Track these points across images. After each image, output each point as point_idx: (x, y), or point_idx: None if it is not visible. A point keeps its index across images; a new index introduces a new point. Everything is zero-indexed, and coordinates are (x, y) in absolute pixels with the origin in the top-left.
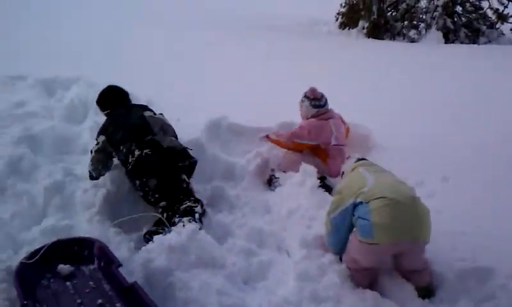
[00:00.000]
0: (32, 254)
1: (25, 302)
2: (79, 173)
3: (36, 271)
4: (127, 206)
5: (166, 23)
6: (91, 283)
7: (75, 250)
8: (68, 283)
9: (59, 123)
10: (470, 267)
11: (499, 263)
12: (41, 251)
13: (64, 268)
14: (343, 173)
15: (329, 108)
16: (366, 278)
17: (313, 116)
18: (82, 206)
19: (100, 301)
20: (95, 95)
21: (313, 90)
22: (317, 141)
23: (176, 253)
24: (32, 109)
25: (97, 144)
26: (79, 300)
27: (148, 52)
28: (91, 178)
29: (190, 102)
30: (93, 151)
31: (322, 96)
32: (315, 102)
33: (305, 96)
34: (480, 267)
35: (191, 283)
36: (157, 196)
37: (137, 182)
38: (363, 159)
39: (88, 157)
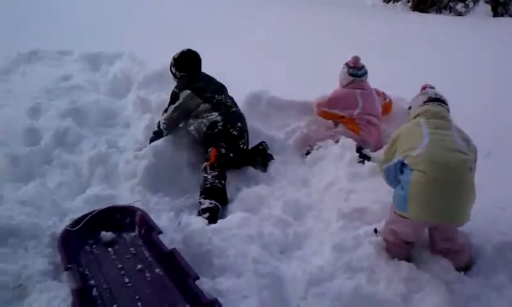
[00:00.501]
0: (76, 222)
1: (69, 265)
2: (122, 144)
3: (79, 237)
4: (167, 178)
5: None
6: (131, 249)
7: (117, 218)
8: (109, 249)
9: (104, 96)
10: (509, 241)
11: None
12: (85, 219)
13: (106, 235)
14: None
15: (365, 80)
16: (403, 251)
17: (347, 85)
18: (124, 177)
19: (140, 266)
20: (138, 70)
21: (355, 58)
22: (340, 111)
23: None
24: (77, 82)
25: (178, 99)
26: (119, 265)
27: (185, 28)
28: (157, 136)
29: (230, 76)
30: (173, 108)
31: (363, 67)
32: (353, 70)
33: (346, 63)
34: None
35: (228, 251)
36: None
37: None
38: (436, 100)
39: (130, 130)
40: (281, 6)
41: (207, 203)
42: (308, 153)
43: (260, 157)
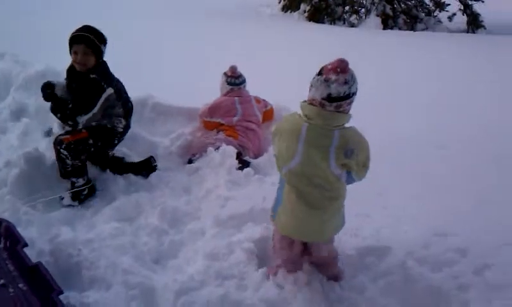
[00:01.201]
0: None
1: None
2: None
3: None
4: (40, 186)
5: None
6: None
7: None
8: None
9: None
10: (371, 245)
11: (398, 243)
12: None
13: None
14: None
15: (243, 88)
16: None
17: (226, 93)
18: None
19: (2, 281)
20: (19, 70)
21: (233, 68)
22: (221, 119)
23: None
24: None
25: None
26: None
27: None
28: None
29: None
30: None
31: (240, 75)
32: (231, 79)
33: (224, 73)
34: (380, 245)
35: (98, 263)
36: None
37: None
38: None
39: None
40: (177, 17)
41: (81, 181)
42: (190, 161)
43: (146, 171)
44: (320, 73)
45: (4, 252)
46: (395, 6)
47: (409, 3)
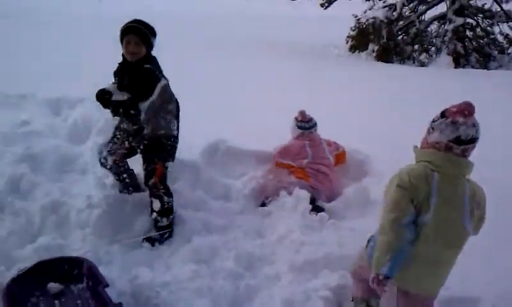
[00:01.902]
0: (23, 272)
1: None
2: (76, 192)
3: (26, 288)
4: (120, 227)
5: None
6: (78, 301)
7: (66, 269)
8: (56, 301)
9: (62, 142)
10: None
11: (485, 292)
12: (27, 268)
13: (53, 286)
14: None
15: (314, 132)
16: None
17: (297, 137)
18: (76, 226)
19: None
20: (99, 115)
21: (302, 112)
22: (291, 161)
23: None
24: (36, 127)
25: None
26: None
27: None
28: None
29: (187, 124)
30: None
31: (310, 119)
32: (301, 123)
33: (295, 117)
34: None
35: (176, 305)
36: None
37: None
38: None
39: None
40: (244, 53)
41: (164, 221)
42: (263, 204)
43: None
44: (443, 116)
45: (87, 292)
46: (466, 44)
47: (482, 41)
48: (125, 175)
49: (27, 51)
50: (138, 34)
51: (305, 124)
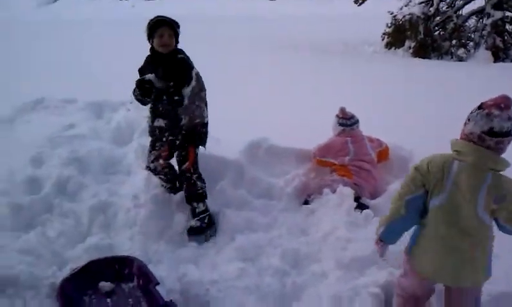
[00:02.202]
0: (75, 272)
1: None
2: (123, 192)
3: (78, 288)
4: (167, 225)
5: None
6: (130, 300)
7: (116, 268)
8: (108, 300)
9: (106, 144)
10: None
11: None
12: (79, 268)
13: (105, 285)
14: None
15: (356, 128)
16: None
17: (338, 134)
18: (124, 225)
19: None
20: (141, 117)
21: (342, 109)
22: (332, 158)
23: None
24: (80, 131)
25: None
26: None
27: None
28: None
29: (230, 122)
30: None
31: (352, 116)
32: (342, 120)
33: (336, 115)
34: None
35: (226, 303)
36: None
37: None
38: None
39: (131, 178)
40: (281, 53)
41: (201, 206)
42: (306, 202)
43: None
44: (480, 108)
45: (137, 290)
46: (505, 38)
47: None
48: (173, 176)
49: (67, 56)
50: (170, 27)
51: (347, 121)
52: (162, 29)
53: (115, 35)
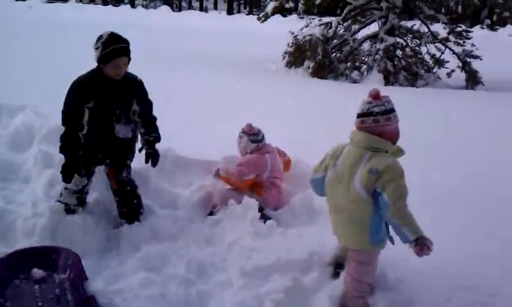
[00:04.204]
0: (9, 255)
1: None
2: (21, 200)
3: (11, 270)
4: (67, 236)
5: None
6: (57, 290)
7: (53, 258)
8: (36, 287)
9: (3, 150)
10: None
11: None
12: (17, 251)
13: (37, 272)
14: None
15: (266, 142)
16: None
17: (252, 151)
18: (22, 234)
19: None
20: (41, 123)
21: (249, 126)
22: (253, 176)
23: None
24: None
25: None
26: (40, 304)
27: None
28: None
29: None
30: None
31: (259, 131)
32: (254, 137)
33: (243, 131)
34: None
35: None
36: None
37: None
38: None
39: (30, 185)
40: (187, 66)
41: None
42: (211, 213)
43: None
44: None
45: (67, 283)
46: (395, 62)
47: (410, 60)
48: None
49: None
50: (129, 55)
51: (257, 137)
52: (123, 59)
53: (9, 36)
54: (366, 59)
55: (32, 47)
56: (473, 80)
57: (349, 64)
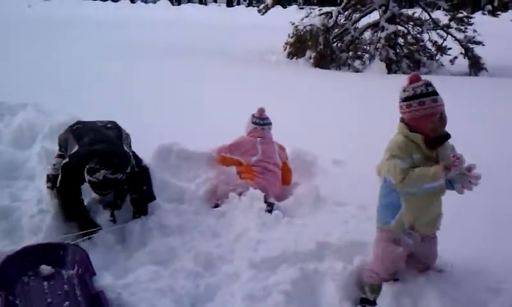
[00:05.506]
0: (18, 252)
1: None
2: (27, 197)
3: (19, 267)
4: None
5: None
6: (65, 286)
7: (61, 254)
8: (45, 283)
9: (6, 147)
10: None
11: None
12: (24, 249)
13: (45, 268)
14: None
15: (267, 130)
16: None
17: (249, 132)
18: (29, 232)
19: (67, 304)
20: (43, 120)
21: (260, 110)
22: (239, 157)
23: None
24: None
25: None
26: (49, 300)
27: (103, 80)
28: None
29: (139, 127)
30: None
31: (267, 118)
32: (256, 119)
33: (252, 114)
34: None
35: (140, 305)
36: None
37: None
38: None
39: (34, 182)
40: (190, 58)
41: None
42: (216, 205)
43: None
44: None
45: (75, 278)
46: (397, 50)
47: (412, 48)
48: None
49: None
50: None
51: (260, 120)
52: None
53: (9, 34)
54: (368, 48)
55: (32, 45)
56: (476, 66)
57: (350, 53)
